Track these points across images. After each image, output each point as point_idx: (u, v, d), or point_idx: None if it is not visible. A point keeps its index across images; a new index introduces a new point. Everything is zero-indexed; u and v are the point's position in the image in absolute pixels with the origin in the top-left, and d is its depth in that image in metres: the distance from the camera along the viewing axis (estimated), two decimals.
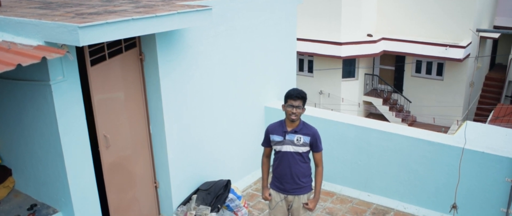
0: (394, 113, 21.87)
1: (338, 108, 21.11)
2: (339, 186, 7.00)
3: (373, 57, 22.07)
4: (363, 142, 6.58)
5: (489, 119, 17.09)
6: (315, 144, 4.64)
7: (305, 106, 4.61)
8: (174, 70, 5.65)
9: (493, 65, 26.24)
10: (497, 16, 24.49)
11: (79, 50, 4.78)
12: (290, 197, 4.77)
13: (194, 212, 5.91)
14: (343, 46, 20.53)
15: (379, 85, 23.16)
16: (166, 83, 5.59)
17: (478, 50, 21.98)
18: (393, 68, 22.92)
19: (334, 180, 6.98)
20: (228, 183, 6.30)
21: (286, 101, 4.57)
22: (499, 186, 5.68)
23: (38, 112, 4.70)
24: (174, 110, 5.79)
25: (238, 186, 6.81)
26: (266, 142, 4.81)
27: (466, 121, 6.47)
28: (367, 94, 22.73)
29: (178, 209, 6.07)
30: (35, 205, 5.20)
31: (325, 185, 6.86)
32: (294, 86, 7.62)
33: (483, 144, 5.83)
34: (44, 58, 3.95)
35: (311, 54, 21.35)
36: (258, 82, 7.20)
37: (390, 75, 23.14)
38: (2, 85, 4.95)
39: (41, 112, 4.67)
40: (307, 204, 4.74)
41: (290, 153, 4.62)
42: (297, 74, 8.15)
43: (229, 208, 6.21)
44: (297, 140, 4.58)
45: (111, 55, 5.18)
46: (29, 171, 5.29)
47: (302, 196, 4.76)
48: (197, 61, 5.97)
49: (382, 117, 21.55)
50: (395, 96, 22.73)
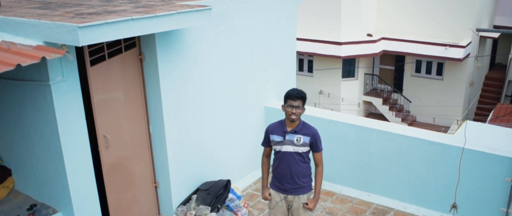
0: (394, 113, 21.87)
1: (338, 108, 21.10)
2: (339, 186, 7.00)
3: (373, 56, 22.07)
4: (363, 142, 6.57)
5: (489, 119, 17.09)
6: (315, 144, 4.64)
7: (305, 106, 4.61)
8: (174, 70, 5.64)
9: (493, 64, 26.24)
10: (497, 15, 24.48)
11: (79, 50, 4.78)
12: (290, 197, 4.76)
13: (194, 212, 5.91)
14: (343, 46, 20.53)
15: (379, 85, 23.16)
16: (166, 83, 5.59)
17: (478, 50, 21.98)
18: (393, 67, 22.92)
19: (334, 180, 6.98)
20: (228, 183, 6.30)
21: (285, 101, 4.57)
22: (499, 186, 5.68)
23: (38, 112, 4.70)
24: (174, 110, 5.79)
25: (238, 186, 6.81)
26: (266, 142, 4.81)
27: (466, 120, 6.47)
28: (367, 94, 22.72)
29: (178, 209, 6.07)
30: (35, 205, 5.19)
31: (325, 185, 6.86)
32: (294, 86, 7.61)
33: (483, 143, 5.82)
34: (43, 58, 3.95)
35: (311, 54, 21.35)
36: (258, 82, 7.20)
37: (390, 75, 23.13)
38: (1, 85, 4.94)
39: (40, 112, 4.67)
40: (307, 204, 4.74)
41: (290, 153, 4.62)
42: (297, 74, 8.15)
43: (229, 208, 6.21)
44: (297, 140, 4.58)
45: (111, 55, 5.17)
46: (29, 171, 5.29)
47: (302, 196, 4.75)
48: (197, 61, 5.97)
49: (382, 117, 21.55)
50: (395, 96, 22.72)
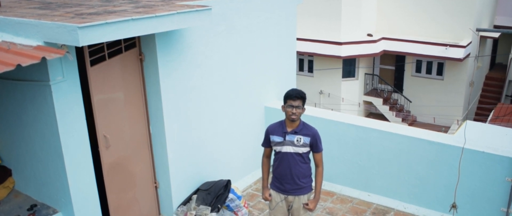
0: (394, 113, 21.86)
1: (338, 108, 21.10)
2: (339, 186, 7.00)
3: (373, 56, 22.06)
4: (363, 142, 6.57)
5: (489, 119, 17.09)
6: (315, 144, 4.63)
7: (304, 106, 4.61)
8: (174, 70, 5.64)
9: (493, 64, 26.24)
10: (497, 15, 24.48)
11: (79, 50, 4.78)
12: (290, 197, 4.76)
13: (194, 212, 5.90)
14: (343, 46, 20.52)
15: (379, 85, 23.15)
16: (166, 83, 5.59)
17: (478, 50, 21.97)
18: (393, 67, 22.91)
19: (334, 180, 6.98)
20: (228, 183, 6.30)
21: (285, 101, 4.56)
22: (500, 186, 5.68)
23: (38, 112, 4.70)
24: (174, 110, 5.79)
25: (238, 186, 6.81)
26: (266, 143, 4.80)
27: (466, 120, 6.46)
28: (367, 94, 22.72)
29: (178, 209, 6.07)
30: (35, 205, 5.19)
31: (325, 185, 6.86)
32: (294, 86, 7.62)
33: (484, 143, 5.82)
34: (43, 58, 3.94)
35: (311, 54, 21.35)
36: (258, 82, 7.19)
37: (390, 75, 23.13)
38: (1, 85, 4.94)
39: (41, 112, 4.67)
40: (307, 204, 4.74)
41: (290, 153, 4.62)
42: (297, 74, 8.15)
43: (229, 208, 6.21)
44: (297, 140, 4.58)
45: (111, 55, 5.17)
46: (29, 172, 5.29)
47: (302, 196, 4.75)
48: (197, 61, 5.96)
49: (382, 117, 21.55)
50: (395, 96, 22.71)
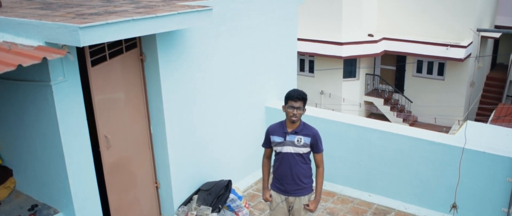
0: (395, 113, 21.86)
1: (339, 108, 21.10)
2: (340, 186, 7.00)
3: (374, 57, 22.07)
4: (364, 142, 6.57)
5: (490, 119, 17.08)
6: (316, 145, 4.63)
7: (305, 107, 4.61)
8: (174, 70, 5.64)
9: (494, 65, 26.22)
10: (498, 15, 24.45)
11: (80, 51, 4.78)
12: (291, 198, 4.75)
13: (195, 212, 5.91)
14: (344, 46, 20.52)
15: (380, 85, 23.14)
16: (167, 83, 5.59)
17: (479, 50, 21.95)
18: (394, 68, 22.91)
19: (335, 180, 6.97)
20: (229, 183, 6.30)
21: (286, 102, 4.55)
22: (500, 186, 5.68)
23: (39, 112, 4.70)
24: (175, 110, 5.79)
25: (239, 186, 6.81)
26: (267, 143, 4.80)
27: (467, 121, 6.46)
28: (368, 94, 22.71)
29: (179, 209, 6.07)
30: (36, 205, 5.20)
31: (326, 185, 6.86)
32: (295, 86, 7.62)
33: (484, 144, 5.82)
34: (44, 59, 3.95)
35: (312, 54, 21.35)
36: (259, 82, 7.20)
37: (391, 75, 23.12)
38: (3, 85, 4.95)
39: (42, 112, 4.67)
40: (308, 205, 4.73)
41: (290, 154, 4.61)
42: (298, 74, 8.15)
43: (230, 208, 6.21)
44: (297, 141, 4.57)
45: (112, 56, 5.17)
46: (30, 172, 5.29)
47: (303, 197, 4.74)
48: (197, 61, 5.97)
49: (383, 117, 21.54)
50: (396, 96, 22.71)
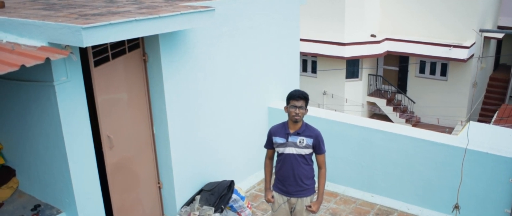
0: (398, 113, 21.81)
1: (341, 108, 21.07)
2: (343, 186, 6.99)
3: (376, 57, 22.03)
4: (367, 143, 6.56)
5: (493, 120, 17.04)
6: (318, 146, 4.62)
7: (307, 107, 4.60)
8: (177, 70, 5.65)
9: (497, 65, 26.15)
10: (501, 16, 24.39)
11: (83, 51, 4.79)
12: (293, 199, 4.74)
13: (197, 212, 5.91)
14: (347, 47, 20.50)
15: (383, 85, 23.11)
16: (170, 84, 5.59)
17: (482, 51, 21.91)
18: (397, 68, 22.87)
19: (338, 180, 6.97)
20: (231, 184, 6.30)
21: (288, 102, 4.55)
22: (503, 187, 5.66)
23: (42, 112, 4.72)
24: (177, 111, 5.79)
25: (241, 187, 6.81)
26: (269, 144, 4.79)
27: (470, 121, 6.45)
28: (371, 94, 22.68)
29: (182, 209, 6.07)
30: (39, 205, 5.21)
31: (328, 185, 6.85)
32: (298, 87, 7.62)
33: (487, 144, 5.81)
34: (47, 59, 3.96)
35: (315, 55, 21.33)
36: (262, 82, 7.20)
37: (394, 76, 23.08)
38: (6, 85, 4.96)
39: (45, 112, 4.68)
40: (310, 206, 4.72)
41: (293, 155, 4.60)
42: (300, 75, 8.15)
43: (232, 208, 6.21)
44: (299, 142, 4.57)
45: (115, 56, 5.18)
46: (33, 172, 5.30)
47: (305, 198, 4.73)
48: (200, 61, 5.97)
49: (386, 117, 21.50)
50: (399, 96, 22.67)
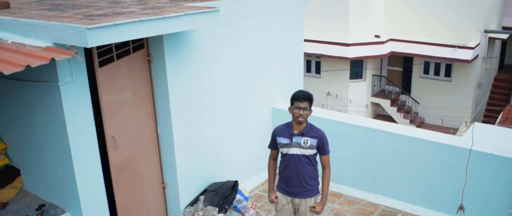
0: (402, 114, 21.78)
1: (345, 109, 21.06)
2: (347, 187, 6.99)
3: (380, 58, 22.01)
4: (371, 144, 6.56)
5: (498, 121, 17.00)
6: (322, 146, 4.61)
7: (312, 108, 4.60)
8: (181, 71, 5.66)
9: (501, 66, 26.09)
10: (505, 16, 24.33)
11: (88, 52, 4.81)
12: (297, 200, 4.74)
13: (201, 213, 5.91)
14: (351, 47, 20.49)
15: (387, 86, 23.08)
16: (174, 84, 5.60)
17: (486, 51, 21.86)
18: (401, 69, 22.84)
19: (342, 181, 6.97)
20: (235, 184, 6.30)
21: (292, 103, 4.55)
22: (508, 188, 5.65)
23: (47, 112, 4.73)
24: (181, 111, 5.80)
25: (245, 187, 6.82)
26: (273, 145, 4.79)
27: (475, 122, 6.44)
28: (375, 95, 22.65)
29: (186, 210, 6.08)
30: (44, 205, 5.22)
31: (332, 186, 6.85)
32: (302, 87, 7.61)
33: (492, 145, 5.79)
34: (52, 59, 3.97)
35: (319, 55, 21.33)
36: (266, 83, 7.20)
37: (398, 76, 23.05)
38: (11, 86, 4.98)
39: (49, 112, 4.70)
40: (314, 207, 4.72)
41: (297, 155, 4.60)
42: (304, 75, 8.15)
43: (236, 209, 6.21)
44: (304, 142, 4.56)
45: (119, 56, 5.19)
46: (37, 172, 5.32)
47: (309, 199, 4.73)
48: (204, 62, 5.98)
49: (390, 118, 21.47)
50: (403, 97, 22.63)
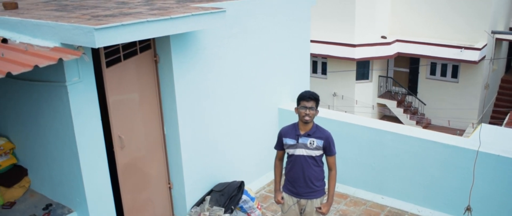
0: (409, 115, 21.72)
1: (352, 110, 21.02)
2: (353, 188, 6.97)
3: (387, 59, 21.95)
4: (377, 145, 6.54)
5: (505, 122, 16.92)
6: (329, 147, 4.61)
7: (318, 108, 4.60)
8: (188, 71, 5.67)
9: (509, 67, 25.96)
10: None
11: (95, 52, 4.83)
12: (303, 201, 4.73)
13: (207, 213, 5.92)
14: (357, 48, 20.46)
15: (393, 87, 23.02)
16: (181, 85, 5.62)
17: (493, 52, 21.75)
18: (407, 70, 22.77)
19: (348, 182, 6.95)
20: (241, 185, 6.31)
21: (298, 103, 4.55)
22: None
23: (54, 112, 4.75)
24: (188, 112, 5.82)
25: (251, 188, 6.82)
26: (279, 145, 4.79)
27: (482, 123, 6.41)
28: (381, 96, 22.60)
29: (192, 210, 6.09)
30: (51, 204, 5.24)
31: (338, 187, 6.84)
32: (308, 88, 7.61)
33: (499, 147, 5.77)
34: (60, 60, 3.99)
35: (325, 56, 21.30)
36: (272, 83, 7.20)
37: (405, 77, 22.99)
38: (19, 86, 5.01)
39: (57, 112, 4.72)
40: (320, 208, 4.72)
41: (303, 156, 4.60)
42: (310, 76, 8.15)
43: (242, 209, 6.22)
44: (310, 143, 4.56)
45: (126, 57, 5.21)
46: (44, 171, 5.34)
47: (315, 200, 4.72)
48: (211, 62, 5.99)
49: (396, 119, 21.41)
50: (410, 98, 22.57)
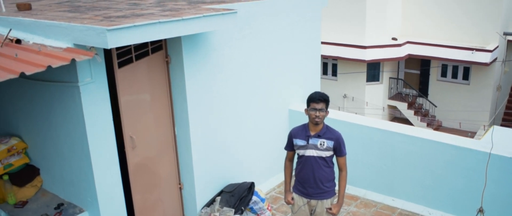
0: (419, 117, 21.59)
1: (362, 112, 20.95)
2: (363, 190, 6.95)
3: (398, 60, 21.86)
4: (388, 146, 6.52)
5: None
6: (339, 148, 4.61)
7: (328, 109, 4.60)
8: (199, 72, 5.69)
9: None
10: None
11: (107, 53, 4.86)
12: (313, 201, 4.74)
13: (218, 214, 5.93)
14: (368, 50, 20.39)
15: (404, 89, 22.91)
16: (192, 85, 5.64)
17: (505, 54, 21.59)
18: (418, 72, 22.66)
19: (358, 184, 6.94)
20: (252, 186, 6.32)
21: (308, 104, 4.56)
22: None
23: (66, 112, 4.78)
24: (199, 112, 5.83)
25: (262, 189, 6.82)
26: (289, 146, 4.80)
27: (493, 126, 6.36)
28: (392, 98, 22.50)
29: (202, 210, 6.10)
30: (62, 204, 5.28)
31: (349, 188, 6.82)
32: (318, 89, 7.60)
33: (511, 149, 5.73)
34: (73, 60, 4.03)
35: (335, 58, 21.26)
36: (282, 85, 7.20)
37: (415, 79, 22.87)
38: (31, 86, 5.05)
39: (69, 112, 4.75)
40: (331, 209, 4.71)
41: (313, 157, 4.60)
42: (321, 78, 8.14)
43: (252, 210, 6.22)
44: (320, 144, 4.56)
45: (138, 58, 5.24)
46: (56, 171, 5.38)
47: (325, 201, 4.73)
48: (222, 63, 6.01)
49: (407, 121, 21.29)
50: (420, 100, 22.45)
